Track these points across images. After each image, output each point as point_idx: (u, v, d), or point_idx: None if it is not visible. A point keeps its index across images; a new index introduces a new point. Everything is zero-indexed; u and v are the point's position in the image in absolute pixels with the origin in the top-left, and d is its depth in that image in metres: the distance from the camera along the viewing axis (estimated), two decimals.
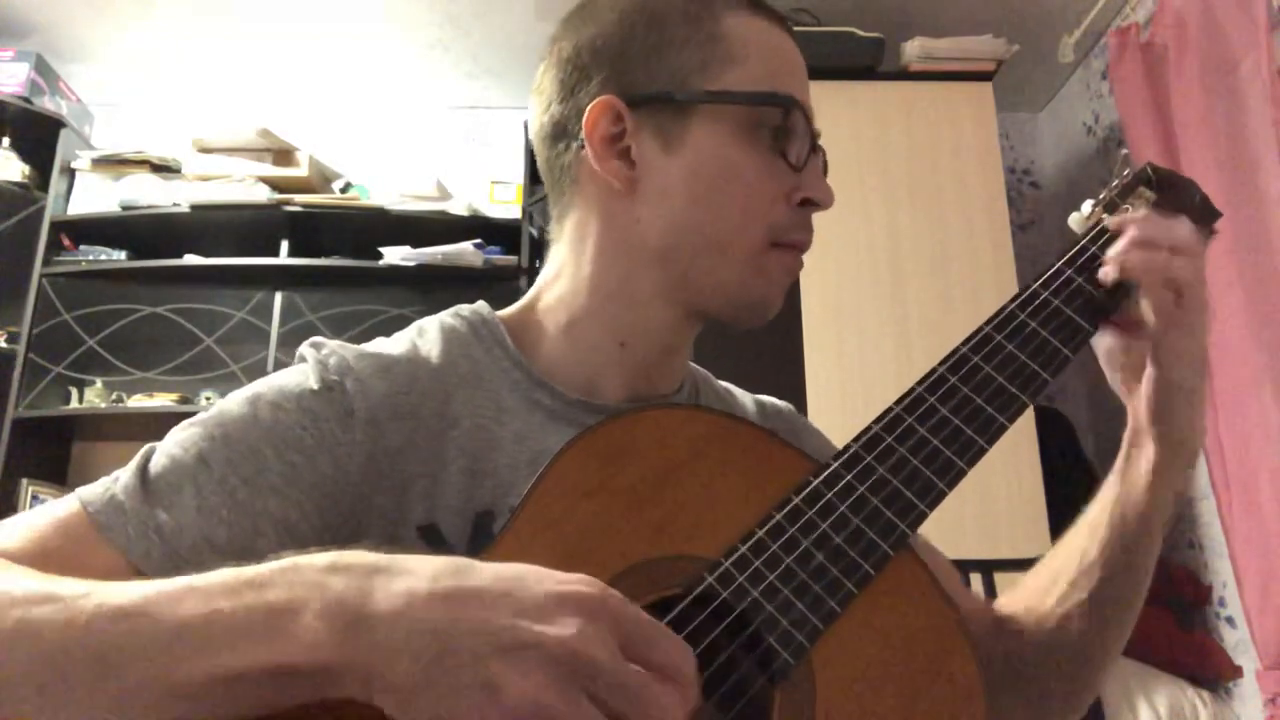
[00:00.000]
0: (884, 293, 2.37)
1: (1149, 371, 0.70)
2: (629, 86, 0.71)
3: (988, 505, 2.16)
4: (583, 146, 0.71)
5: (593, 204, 0.74)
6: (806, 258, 0.75)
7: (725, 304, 0.73)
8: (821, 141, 0.74)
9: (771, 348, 2.28)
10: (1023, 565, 1.60)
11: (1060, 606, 0.75)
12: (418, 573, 0.46)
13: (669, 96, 0.70)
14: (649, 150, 0.71)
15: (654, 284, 0.72)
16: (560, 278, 0.76)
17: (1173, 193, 0.77)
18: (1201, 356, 0.69)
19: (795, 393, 2.26)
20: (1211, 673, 2.17)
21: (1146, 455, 0.71)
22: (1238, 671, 2.13)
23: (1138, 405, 0.71)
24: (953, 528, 2.07)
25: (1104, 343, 0.73)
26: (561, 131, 0.74)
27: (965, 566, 1.63)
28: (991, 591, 1.60)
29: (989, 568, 1.62)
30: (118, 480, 0.61)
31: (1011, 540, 2.14)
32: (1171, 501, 0.73)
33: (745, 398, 0.88)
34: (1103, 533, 0.73)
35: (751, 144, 0.70)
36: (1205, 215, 0.77)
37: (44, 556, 0.55)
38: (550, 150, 0.76)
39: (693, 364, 0.85)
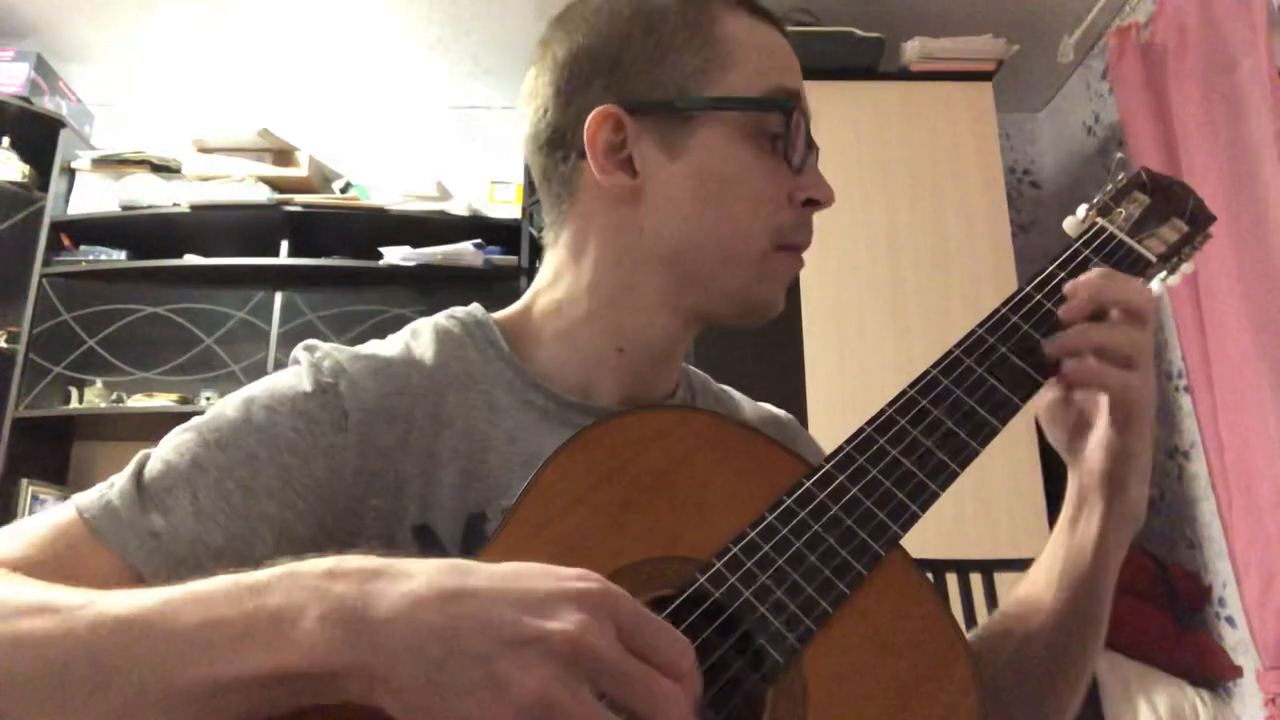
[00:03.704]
0: (884, 293, 2.36)
1: (1104, 436, 0.66)
2: (628, 93, 0.70)
3: (988, 505, 2.16)
4: (582, 156, 0.70)
5: (593, 213, 0.73)
6: (806, 257, 0.75)
7: (730, 308, 0.72)
8: (820, 141, 0.74)
9: (771, 348, 2.28)
10: (1023, 565, 1.60)
11: (1014, 662, 0.72)
12: (418, 575, 0.46)
13: (671, 105, 0.69)
14: (652, 158, 0.70)
15: (658, 290, 0.72)
16: (557, 283, 0.75)
17: (1167, 197, 0.77)
18: (1151, 420, 0.66)
19: (795, 392, 2.26)
20: (1211, 673, 2.16)
21: (1094, 521, 0.68)
22: (1238, 671, 2.13)
23: (1086, 468, 0.68)
24: (953, 528, 2.07)
25: (1046, 395, 0.69)
26: (560, 141, 0.73)
27: (965, 567, 1.62)
28: (991, 591, 1.60)
29: (989, 568, 1.62)
30: (113, 486, 0.61)
31: (1012, 540, 2.14)
32: (1119, 562, 0.70)
33: (744, 402, 0.88)
34: (1050, 595, 0.71)
35: (754, 146, 0.70)
36: (1199, 219, 0.76)
37: (42, 564, 0.55)
38: (547, 159, 0.74)
39: (691, 367, 0.85)
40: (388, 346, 0.72)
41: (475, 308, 0.78)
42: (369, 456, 0.65)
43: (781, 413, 0.90)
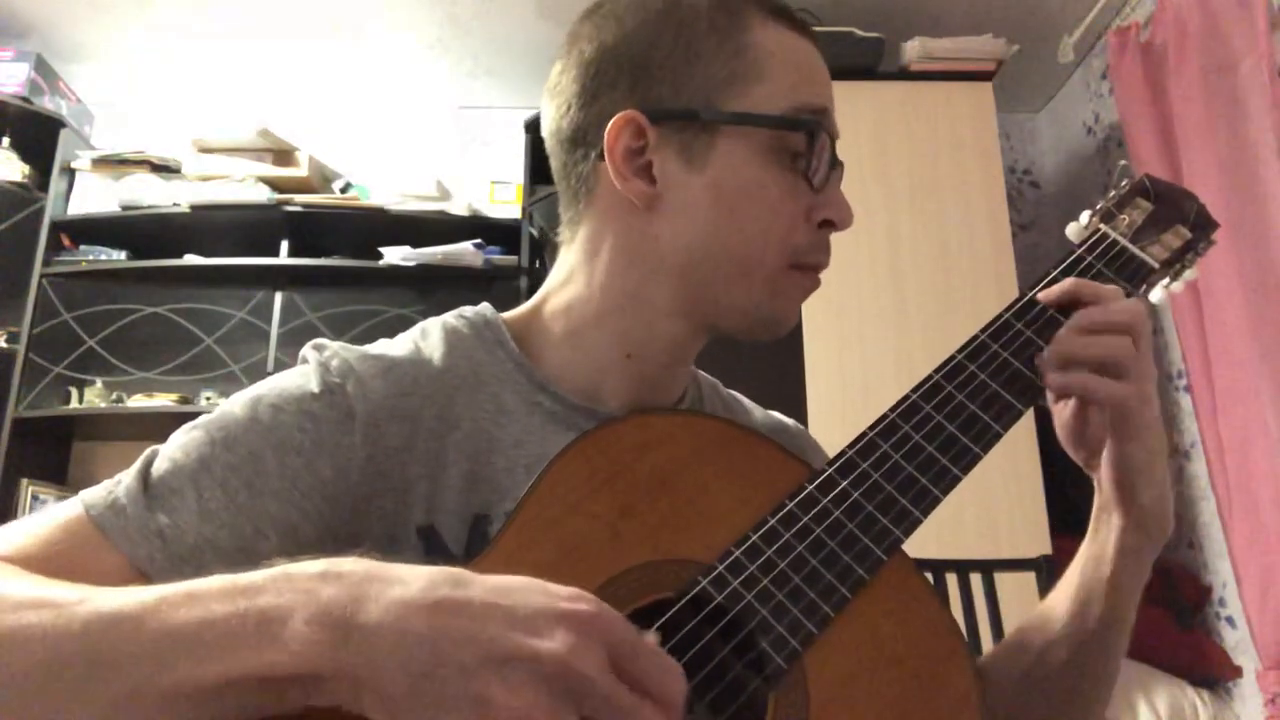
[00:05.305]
0: (884, 293, 2.37)
1: (1110, 448, 0.67)
2: (653, 99, 0.69)
3: (988, 505, 2.16)
4: (602, 158, 0.70)
5: (609, 216, 0.72)
6: None
7: (740, 322, 0.72)
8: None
9: (771, 348, 2.27)
10: (1023, 565, 1.60)
11: (1031, 672, 0.72)
12: (411, 582, 0.45)
13: (695, 115, 0.68)
14: (671, 167, 0.69)
15: (668, 299, 0.71)
16: (569, 284, 0.75)
17: (1170, 203, 0.76)
18: (1157, 425, 0.67)
19: (795, 394, 2.26)
20: (1211, 673, 2.17)
21: (1111, 533, 0.69)
22: (1238, 671, 2.13)
23: (1101, 482, 0.69)
24: (953, 528, 2.07)
25: (1062, 416, 0.70)
26: (580, 139, 0.72)
27: (965, 567, 1.62)
28: (991, 591, 1.60)
29: (989, 568, 1.62)
30: (120, 483, 0.61)
31: (1011, 540, 2.14)
32: (1145, 576, 0.70)
33: (754, 409, 0.87)
34: (1069, 606, 0.71)
35: (775, 163, 0.69)
36: (1203, 226, 0.76)
37: (47, 560, 0.55)
38: (567, 157, 0.74)
39: (701, 372, 0.84)
40: (396, 346, 0.72)
41: (485, 307, 0.77)
42: (375, 457, 0.65)
43: (791, 422, 0.89)
